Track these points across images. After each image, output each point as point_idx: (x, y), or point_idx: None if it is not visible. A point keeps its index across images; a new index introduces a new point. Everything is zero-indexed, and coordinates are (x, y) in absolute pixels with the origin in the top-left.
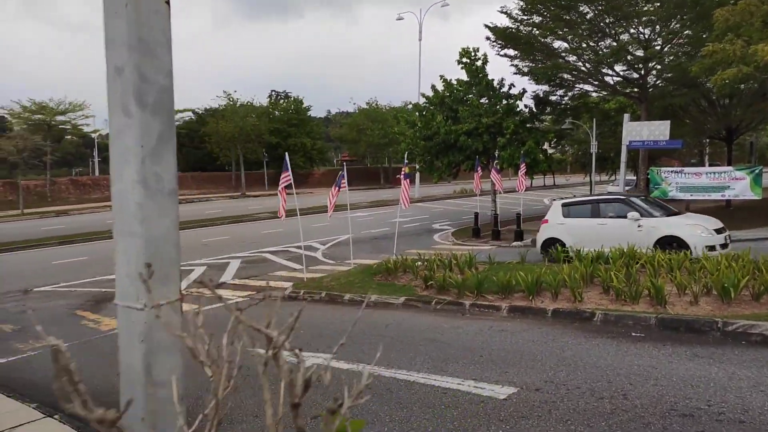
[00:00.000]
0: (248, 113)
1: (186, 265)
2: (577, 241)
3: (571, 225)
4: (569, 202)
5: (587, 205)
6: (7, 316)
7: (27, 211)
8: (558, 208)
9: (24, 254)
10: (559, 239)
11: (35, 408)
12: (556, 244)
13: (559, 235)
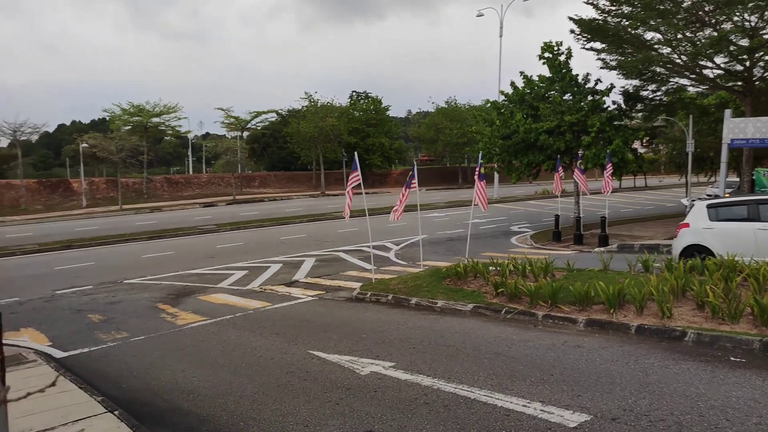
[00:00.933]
0: (328, 114)
1: (263, 262)
2: (729, 248)
3: (722, 230)
4: (718, 203)
5: (743, 206)
6: (98, 306)
7: (125, 207)
8: (702, 210)
9: (119, 247)
10: (705, 246)
11: (100, 401)
12: (698, 252)
13: (705, 241)
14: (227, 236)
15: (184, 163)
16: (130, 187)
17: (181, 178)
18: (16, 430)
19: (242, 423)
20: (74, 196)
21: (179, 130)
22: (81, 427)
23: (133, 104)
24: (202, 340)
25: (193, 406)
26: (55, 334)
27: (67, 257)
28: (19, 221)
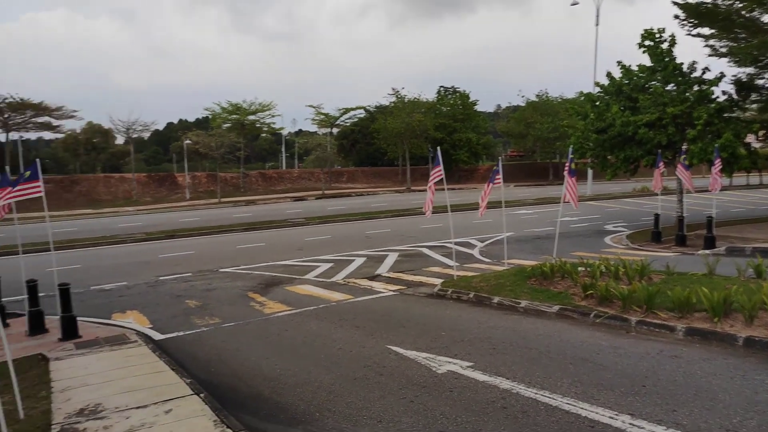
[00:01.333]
0: (414, 109)
1: (348, 256)
2: None
3: None
4: None
5: None
6: (195, 292)
7: (223, 200)
8: None
9: (217, 238)
10: None
11: (188, 384)
12: None
13: None
14: (315, 229)
15: (278, 158)
16: (228, 181)
17: (275, 173)
18: (114, 404)
19: (318, 413)
20: (179, 190)
21: (273, 126)
22: (170, 407)
23: (232, 103)
24: (286, 329)
25: (273, 394)
26: (156, 318)
27: (170, 246)
28: (131, 212)
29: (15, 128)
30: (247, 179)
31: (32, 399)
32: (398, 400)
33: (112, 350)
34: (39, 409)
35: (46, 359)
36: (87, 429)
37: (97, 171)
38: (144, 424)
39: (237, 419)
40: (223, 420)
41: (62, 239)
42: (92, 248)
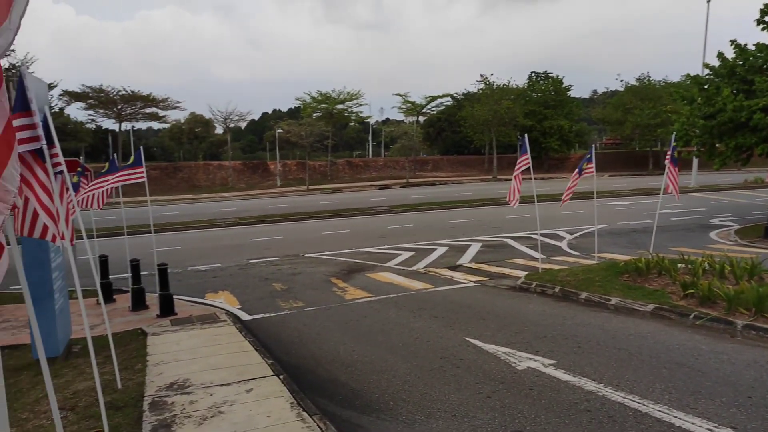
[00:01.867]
0: (503, 96)
1: (430, 245)
2: None
3: None
4: None
5: None
6: (282, 276)
7: (311, 187)
8: None
9: (304, 224)
10: None
11: (270, 365)
12: None
13: None
14: (398, 218)
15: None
16: (317, 169)
17: (361, 161)
18: (201, 380)
19: (392, 402)
20: (270, 177)
21: (361, 115)
22: (251, 386)
23: (321, 92)
24: (365, 315)
25: (349, 379)
26: (245, 299)
27: (260, 231)
28: (227, 197)
29: (127, 118)
30: (334, 167)
31: (129, 371)
32: (474, 394)
33: (202, 328)
34: (135, 380)
35: (144, 334)
36: (174, 403)
37: (198, 159)
38: (226, 402)
39: (313, 402)
40: (299, 402)
41: (165, 222)
42: (191, 231)
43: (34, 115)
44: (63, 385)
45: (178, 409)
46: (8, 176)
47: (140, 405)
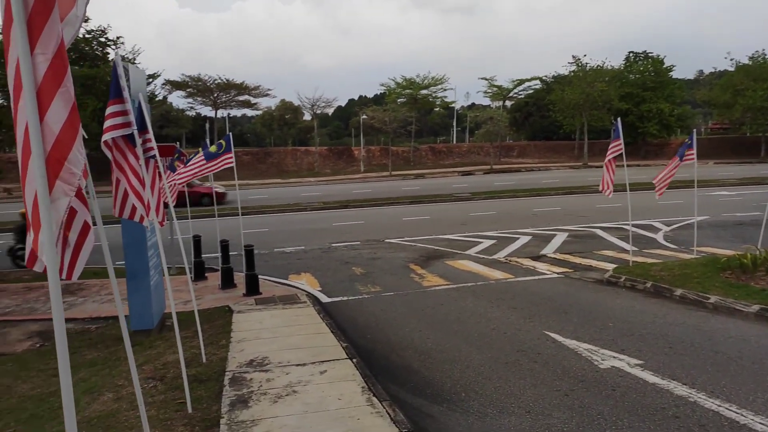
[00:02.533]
0: (597, 78)
1: (512, 233)
2: None
3: None
4: None
5: None
6: (361, 260)
7: (394, 173)
8: None
9: (385, 209)
10: None
11: (344, 348)
12: None
13: None
14: (480, 205)
15: (449, 133)
16: (400, 155)
17: (444, 147)
18: (278, 359)
19: (464, 393)
20: (354, 162)
21: (445, 100)
22: (325, 368)
23: (406, 78)
24: (441, 303)
25: (422, 367)
26: (325, 281)
27: (343, 215)
28: (312, 182)
29: (222, 106)
30: (417, 153)
31: (214, 346)
32: (551, 391)
33: (284, 308)
34: (218, 356)
35: (230, 311)
36: (252, 380)
37: (288, 144)
38: (300, 381)
39: (384, 388)
40: (370, 387)
41: (254, 205)
42: (278, 214)
43: (126, 102)
44: (155, 356)
45: (256, 385)
46: (73, 159)
47: (221, 379)
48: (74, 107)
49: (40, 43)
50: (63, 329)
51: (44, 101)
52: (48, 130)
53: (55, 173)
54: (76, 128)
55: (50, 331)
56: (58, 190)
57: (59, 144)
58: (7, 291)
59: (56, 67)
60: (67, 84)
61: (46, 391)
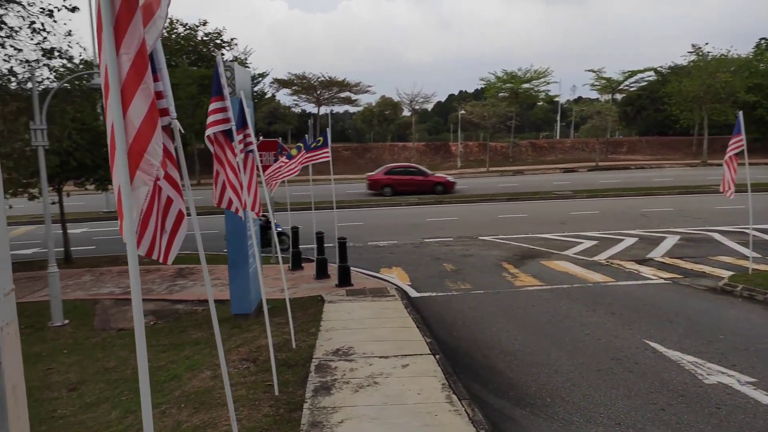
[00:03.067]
0: (720, 68)
1: (616, 234)
2: None
3: None
4: None
5: None
6: (453, 257)
7: (491, 169)
8: None
9: (481, 206)
10: None
11: (428, 344)
12: None
13: None
14: (582, 203)
15: (553, 128)
16: (498, 151)
17: (546, 142)
18: (363, 350)
19: (549, 399)
20: (451, 158)
21: (549, 94)
22: (407, 362)
23: (507, 72)
24: (533, 304)
25: (506, 368)
26: (415, 276)
27: (436, 211)
28: None
29: (324, 102)
30: (516, 149)
31: (304, 333)
32: (646, 404)
33: (373, 301)
34: (307, 343)
35: (322, 301)
36: (337, 368)
37: (387, 140)
38: (382, 373)
39: (465, 386)
40: (450, 384)
41: (351, 200)
42: (373, 209)
43: (226, 100)
44: (250, 339)
45: (339, 374)
46: (152, 151)
47: (308, 366)
48: (153, 103)
49: (124, 44)
50: (140, 308)
51: (127, 97)
52: (130, 125)
53: (135, 164)
54: (155, 122)
55: (164, 311)
56: (138, 180)
57: (140, 137)
58: None
59: (138, 66)
60: (147, 81)
61: (154, 366)
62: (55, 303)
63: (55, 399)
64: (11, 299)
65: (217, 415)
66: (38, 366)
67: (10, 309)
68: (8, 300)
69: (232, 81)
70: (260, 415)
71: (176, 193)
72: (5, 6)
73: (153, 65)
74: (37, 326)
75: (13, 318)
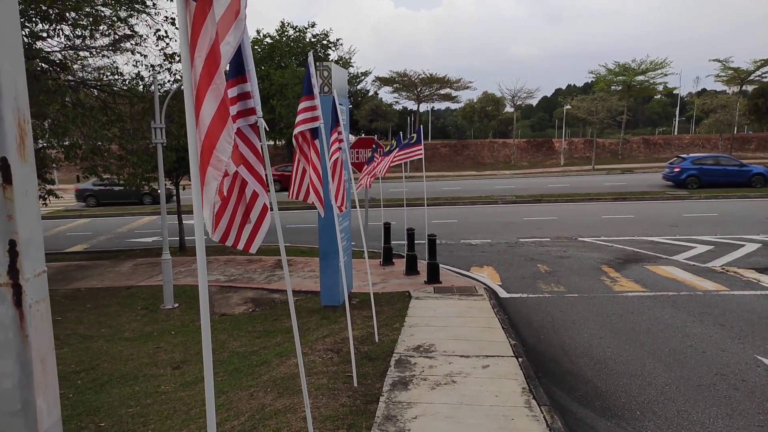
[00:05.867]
0: None
1: (736, 239)
2: None
3: None
4: None
5: None
6: (548, 258)
7: (597, 167)
8: None
9: (583, 206)
10: None
11: (512, 346)
12: None
13: None
14: (698, 205)
15: (671, 123)
16: (606, 147)
17: (660, 139)
18: (444, 348)
19: (639, 412)
20: (554, 155)
21: (668, 87)
22: (488, 363)
23: (619, 64)
24: (631, 311)
25: (594, 377)
26: (506, 276)
27: (535, 210)
28: (507, 175)
29: (424, 99)
30: (626, 145)
31: (388, 328)
32: (751, 425)
33: (459, 299)
34: (390, 337)
35: (410, 297)
36: (416, 364)
37: (488, 137)
38: (461, 373)
39: (548, 392)
40: (531, 389)
41: (446, 197)
42: (468, 206)
43: (316, 98)
44: (337, 330)
45: (418, 370)
46: (221, 147)
47: (388, 360)
48: (223, 100)
49: (198, 46)
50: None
51: (200, 97)
52: (202, 122)
53: (206, 160)
54: (225, 119)
55: (262, 299)
56: (209, 175)
57: (210, 134)
58: (234, 262)
59: (209, 66)
60: (217, 81)
61: (249, 350)
62: (167, 288)
63: (161, 375)
64: (42, 279)
65: (298, 401)
66: (149, 344)
67: (41, 288)
68: (39, 280)
69: (329, 80)
70: (338, 404)
71: (261, 187)
72: (137, 16)
73: (242, 66)
74: (152, 308)
75: (44, 296)
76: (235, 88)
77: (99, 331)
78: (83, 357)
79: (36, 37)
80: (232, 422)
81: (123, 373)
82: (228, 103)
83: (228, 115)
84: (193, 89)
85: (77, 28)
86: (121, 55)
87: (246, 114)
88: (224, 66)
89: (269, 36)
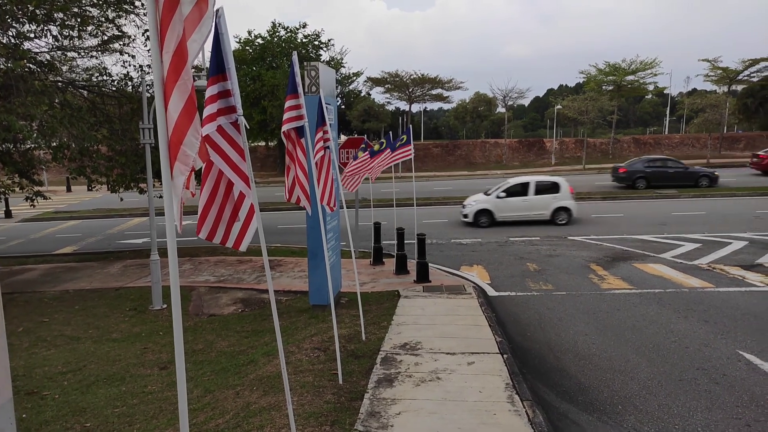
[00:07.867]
0: None
1: (723, 237)
2: None
3: None
4: None
5: None
6: (538, 257)
7: (588, 167)
8: None
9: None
10: None
11: (498, 343)
12: None
13: None
14: (687, 203)
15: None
16: (597, 147)
17: (650, 138)
18: (430, 345)
19: (620, 407)
20: (545, 155)
21: (658, 86)
22: (473, 360)
23: (609, 63)
24: (618, 308)
25: (578, 372)
26: (495, 275)
27: None
28: (499, 175)
29: (416, 100)
30: (617, 145)
31: (376, 326)
32: (729, 419)
33: (448, 298)
34: (377, 336)
35: (398, 296)
36: (402, 361)
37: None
38: (446, 369)
39: (532, 388)
40: (514, 384)
41: (438, 196)
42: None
43: (300, 97)
44: (324, 329)
45: (404, 367)
46: (188, 143)
47: (375, 358)
48: (190, 97)
49: (166, 42)
50: (177, 293)
51: (167, 92)
52: (170, 118)
53: (174, 155)
54: (192, 115)
55: (252, 299)
56: (176, 170)
57: (177, 129)
58: (224, 263)
59: (175, 63)
60: (185, 77)
61: (237, 350)
62: (156, 288)
63: (148, 375)
64: None
65: (283, 399)
66: (137, 345)
67: None
68: None
69: (316, 80)
70: (322, 402)
71: (246, 187)
72: (125, 17)
73: (222, 65)
74: (140, 309)
75: None
76: (215, 85)
77: (87, 332)
78: (70, 358)
79: (24, 37)
80: (217, 420)
81: (110, 374)
82: (195, 98)
83: (195, 112)
84: (161, 85)
85: (65, 28)
86: (109, 55)
87: (228, 112)
88: (191, 62)
89: (260, 37)
